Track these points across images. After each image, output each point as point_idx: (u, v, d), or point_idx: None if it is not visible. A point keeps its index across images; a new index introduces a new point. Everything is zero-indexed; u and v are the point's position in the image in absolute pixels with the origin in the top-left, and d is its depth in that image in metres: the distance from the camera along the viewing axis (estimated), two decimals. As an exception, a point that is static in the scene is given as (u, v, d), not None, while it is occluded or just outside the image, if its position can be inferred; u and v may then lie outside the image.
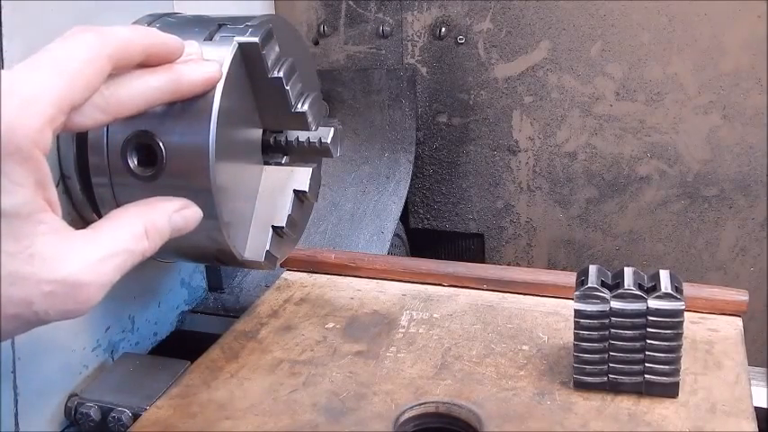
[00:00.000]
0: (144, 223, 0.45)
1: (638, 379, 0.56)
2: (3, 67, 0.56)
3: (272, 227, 0.61)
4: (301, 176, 0.62)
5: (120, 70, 0.45)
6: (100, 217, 0.59)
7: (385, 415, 0.55)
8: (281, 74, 0.57)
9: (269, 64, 0.57)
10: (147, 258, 0.46)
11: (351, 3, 1.14)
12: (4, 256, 0.39)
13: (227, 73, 0.54)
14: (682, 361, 0.55)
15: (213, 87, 0.53)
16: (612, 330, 0.55)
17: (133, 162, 0.55)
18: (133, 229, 0.45)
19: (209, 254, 0.59)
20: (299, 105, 0.59)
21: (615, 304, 0.54)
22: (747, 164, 1.05)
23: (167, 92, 0.49)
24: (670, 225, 1.11)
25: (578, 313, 0.55)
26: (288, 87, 0.58)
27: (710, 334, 0.64)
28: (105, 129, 0.58)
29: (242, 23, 0.57)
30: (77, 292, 0.41)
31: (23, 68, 0.41)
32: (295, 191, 0.62)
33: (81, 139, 0.61)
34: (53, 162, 0.63)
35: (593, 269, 0.56)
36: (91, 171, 0.57)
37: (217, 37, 0.57)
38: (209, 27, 0.58)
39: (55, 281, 0.40)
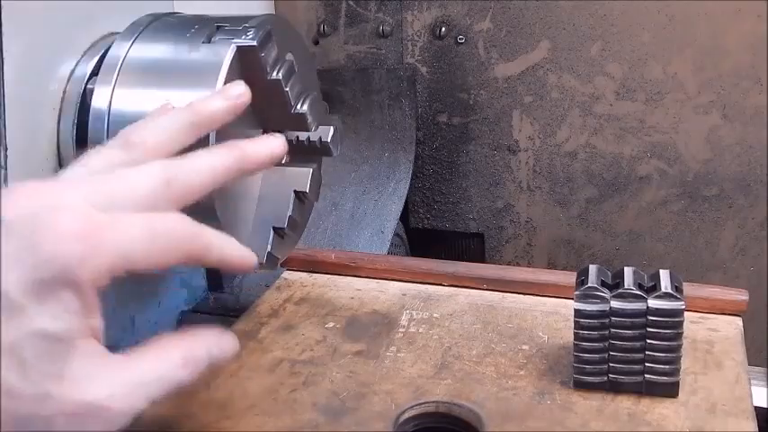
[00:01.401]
0: (182, 352, 0.44)
1: (638, 379, 0.56)
2: (3, 67, 0.56)
3: (273, 228, 0.61)
4: (301, 177, 0.62)
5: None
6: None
7: (385, 414, 0.55)
8: (279, 75, 0.57)
9: (268, 66, 0.57)
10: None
11: (351, 2, 1.14)
12: (36, 377, 0.38)
13: (226, 77, 0.54)
14: (682, 361, 0.55)
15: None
16: (612, 330, 0.55)
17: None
18: (170, 357, 0.44)
19: None
20: (299, 106, 0.59)
21: (615, 304, 0.54)
22: (747, 164, 1.05)
23: (233, 171, 0.48)
24: (670, 225, 1.11)
25: (578, 313, 0.55)
26: (287, 89, 0.58)
27: (710, 334, 0.64)
28: (106, 129, 0.58)
29: (240, 25, 0.57)
30: (101, 417, 0.40)
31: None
32: (295, 191, 0.61)
33: (81, 138, 0.61)
34: (54, 164, 0.63)
35: (593, 269, 0.56)
36: None
37: (216, 38, 0.57)
38: (208, 28, 0.58)
39: (80, 403, 0.39)
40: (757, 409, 0.56)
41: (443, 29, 1.11)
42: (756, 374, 0.64)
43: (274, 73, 0.57)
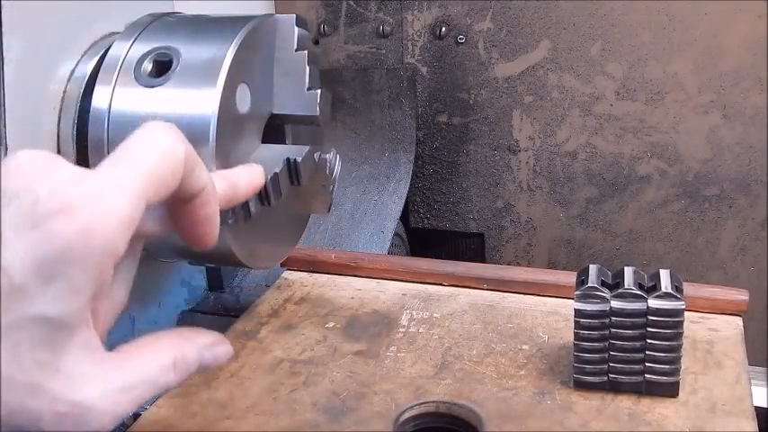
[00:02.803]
0: (174, 355, 0.44)
1: (639, 378, 0.56)
2: (3, 67, 0.56)
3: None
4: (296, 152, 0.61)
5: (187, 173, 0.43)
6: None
7: (385, 414, 0.55)
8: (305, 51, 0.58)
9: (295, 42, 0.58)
10: (147, 262, 0.45)
11: (351, 2, 1.14)
12: (32, 365, 0.37)
13: (226, 77, 0.55)
14: (682, 360, 0.55)
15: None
16: (613, 330, 0.55)
17: (146, 69, 0.56)
18: (162, 359, 0.43)
19: (211, 252, 0.59)
20: (313, 88, 0.60)
21: (615, 304, 0.54)
22: (747, 163, 1.05)
23: (224, 199, 0.48)
24: (670, 225, 1.11)
25: (578, 313, 0.55)
26: (309, 66, 0.58)
27: (711, 333, 0.64)
28: (106, 129, 0.58)
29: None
30: (89, 419, 0.39)
31: (101, 169, 0.39)
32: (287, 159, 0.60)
33: (81, 138, 0.61)
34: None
35: (593, 269, 0.56)
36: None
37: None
38: (214, 24, 0.58)
39: (71, 402, 0.38)
40: (757, 409, 0.56)
41: (443, 29, 1.11)
42: (756, 374, 0.64)
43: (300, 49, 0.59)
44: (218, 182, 0.46)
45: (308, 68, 0.60)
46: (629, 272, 0.56)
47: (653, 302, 0.53)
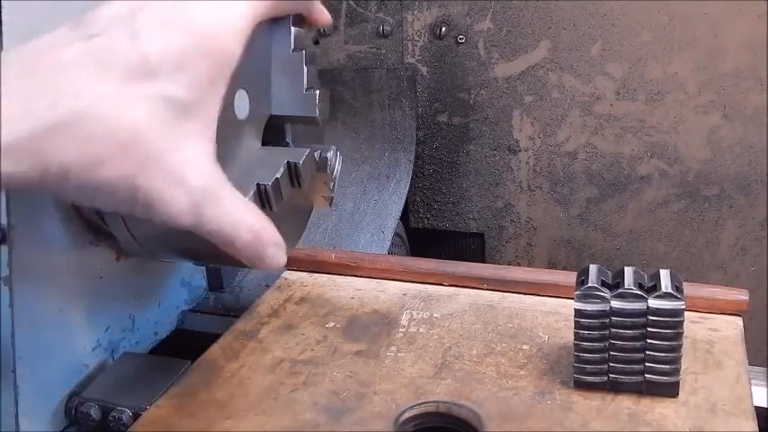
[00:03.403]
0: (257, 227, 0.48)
1: (639, 378, 0.55)
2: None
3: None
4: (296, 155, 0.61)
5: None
6: (100, 216, 0.59)
7: (385, 414, 0.55)
8: (302, 51, 0.58)
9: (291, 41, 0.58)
10: (147, 262, 0.46)
11: (351, 2, 1.14)
12: (157, 140, 0.42)
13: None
14: (682, 360, 0.55)
15: None
16: (613, 330, 0.55)
17: None
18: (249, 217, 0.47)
19: (211, 253, 0.59)
20: (311, 88, 0.59)
21: (615, 304, 0.54)
22: (747, 163, 1.05)
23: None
24: (670, 224, 1.11)
25: (578, 313, 0.55)
26: (306, 66, 0.58)
27: (711, 333, 0.64)
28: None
29: None
30: (210, 44, 0.43)
31: None
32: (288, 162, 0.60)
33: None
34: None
35: (593, 268, 0.56)
36: None
37: None
38: None
39: (167, 168, 0.43)
40: (757, 408, 0.56)
41: (444, 29, 1.11)
42: (756, 374, 0.63)
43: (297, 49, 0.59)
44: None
45: (305, 69, 0.60)
46: (629, 272, 0.56)
47: (653, 302, 0.53)
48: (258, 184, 0.54)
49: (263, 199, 0.54)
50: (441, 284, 0.73)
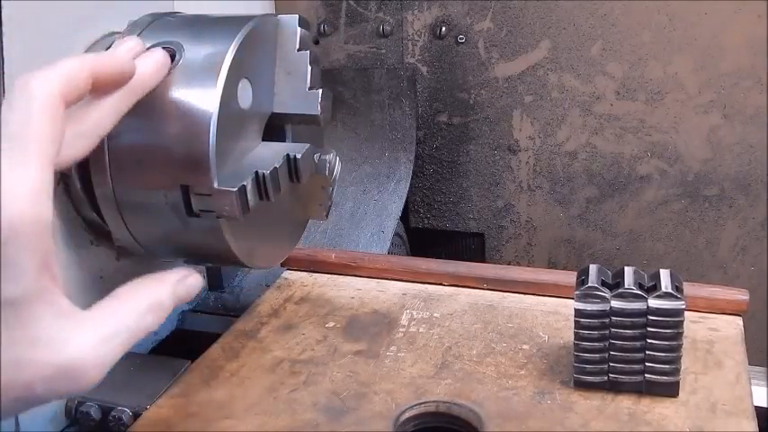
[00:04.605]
0: (148, 299, 0.45)
1: (639, 378, 0.56)
2: (3, 67, 0.56)
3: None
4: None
5: (75, 101, 0.44)
6: (100, 216, 0.59)
7: (385, 414, 0.55)
8: (308, 51, 0.58)
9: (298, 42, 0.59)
10: (147, 262, 0.45)
11: (351, 2, 1.14)
12: (7, 343, 0.39)
13: (227, 77, 0.54)
14: (682, 360, 0.55)
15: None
16: (613, 330, 0.55)
17: None
18: (137, 305, 0.44)
19: (211, 252, 0.59)
20: (314, 88, 0.60)
21: (615, 303, 0.54)
22: (747, 163, 1.05)
23: (127, 96, 0.49)
24: (670, 224, 1.11)
25: (579, 312, 0.55)
26: (311, 66, 0.58)
27: (711, 333, 0.64)
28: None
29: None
30: (78, 375, 0.40)
31: None
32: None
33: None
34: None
35: (593, 268, 0.56)
36: (91, 168, 0.57)
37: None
38: (215, 23, 0.58)
39: (56, 364, 0.39)
40: (757, 408, 0.56)
41: (444, 28, 1.11)
42: (756, 374, 0.64)
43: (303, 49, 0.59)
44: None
45: (309, 68, 0.60)
46: (629, 272, 0.56)
47: (653, 302, 0.53)
48: (257, 172, 0.54)
49: (260, 187, 0.54)
50: (441, 284, 0.73)
